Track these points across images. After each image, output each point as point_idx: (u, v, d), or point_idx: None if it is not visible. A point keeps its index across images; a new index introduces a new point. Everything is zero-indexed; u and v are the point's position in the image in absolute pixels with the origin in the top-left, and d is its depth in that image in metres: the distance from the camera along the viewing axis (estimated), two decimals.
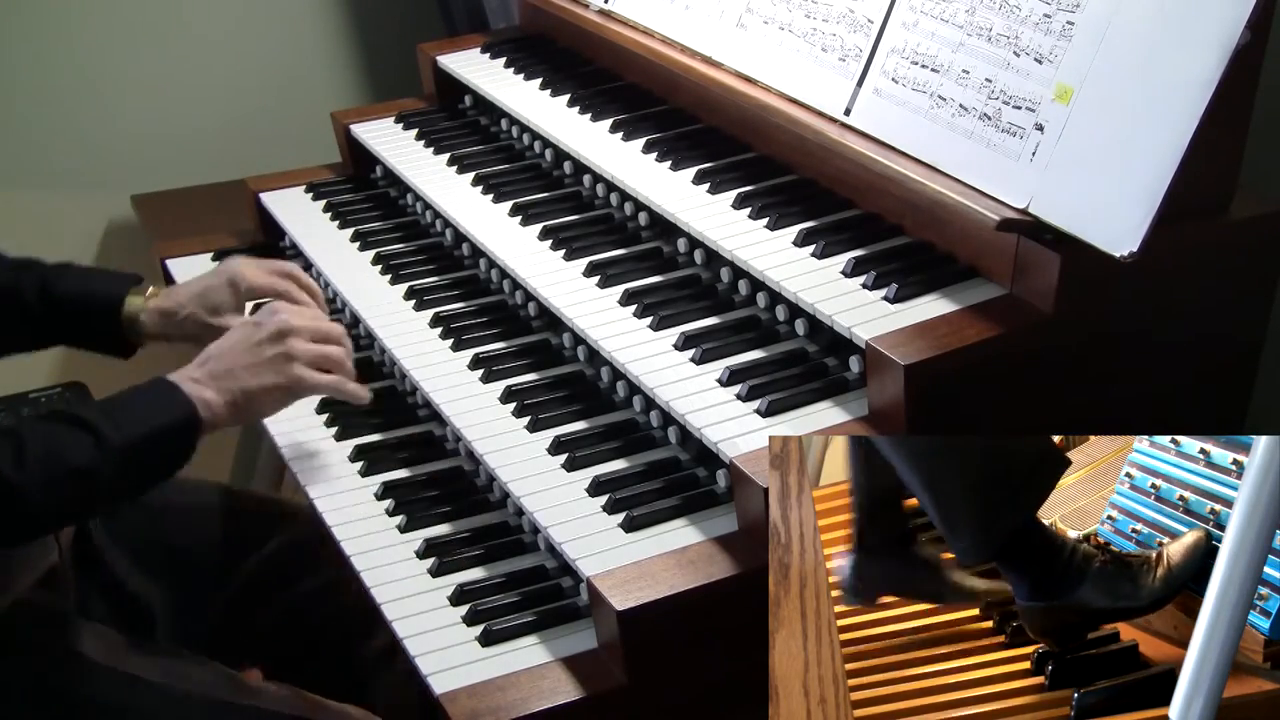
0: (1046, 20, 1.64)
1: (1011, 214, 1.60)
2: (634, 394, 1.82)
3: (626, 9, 2.33)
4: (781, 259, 1.80)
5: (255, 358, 1.76)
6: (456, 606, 1.62)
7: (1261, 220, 1.68)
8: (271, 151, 3.23)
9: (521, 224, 2.13)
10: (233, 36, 3.31)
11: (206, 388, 1.72)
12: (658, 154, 2.11)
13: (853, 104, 1.86)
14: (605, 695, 1.48)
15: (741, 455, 1.57)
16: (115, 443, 1.61)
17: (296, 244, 2.41)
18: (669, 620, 1.49)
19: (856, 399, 1.65)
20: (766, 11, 2.03)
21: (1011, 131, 1.64)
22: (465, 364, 1.96)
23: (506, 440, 1.80)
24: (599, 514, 1.64)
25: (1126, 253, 1.48)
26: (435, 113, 2.63)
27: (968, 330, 1.59)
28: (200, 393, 1.71)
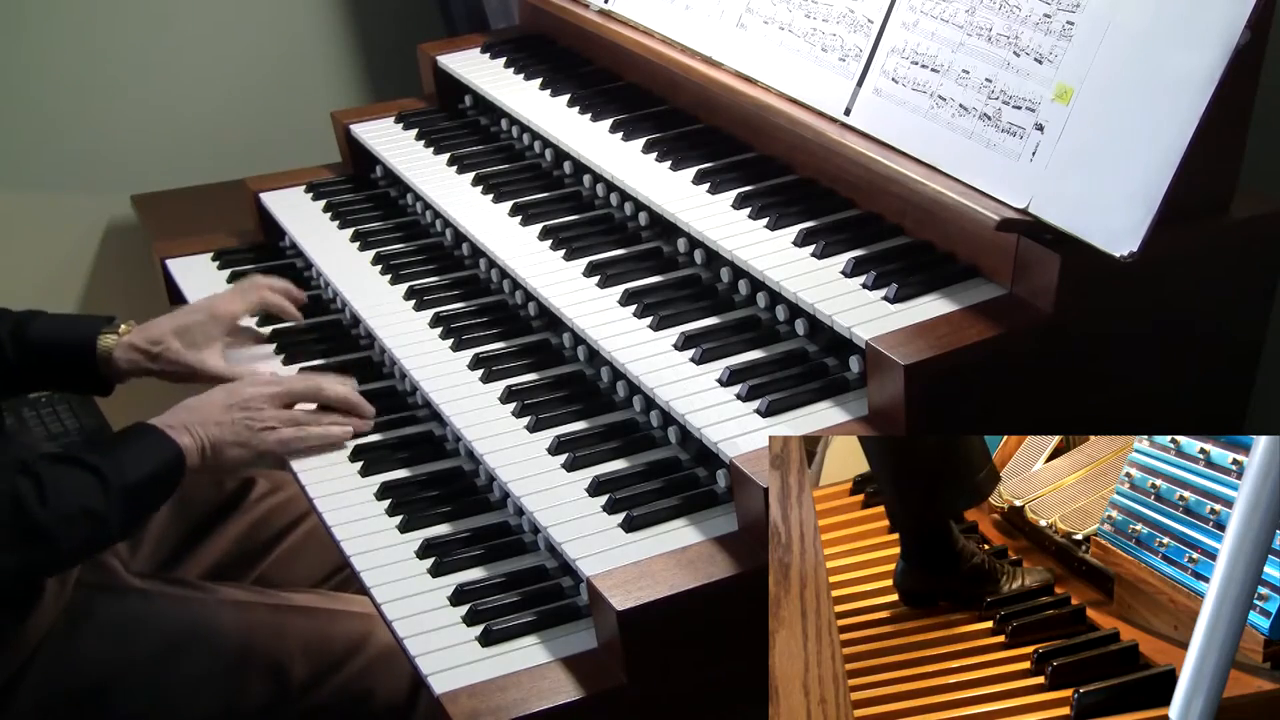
0: (1046, 20, 1.64)
1: (1011, 214, 1.60)
2: (634, 394, 1.82)
3: (626, 9, 2.33)
4: (781, 259, 1.80)
5: (225, 416, 1.87)
6: (456, 606, 1.62)
7: (1261, 220, 1.68)
8: (271, 151, 3.23)
9: (521, 224, 2.13)
10: (233, 36, 3.31)
11: (182, 434, 1.83)
12: (658, 154, 2.11)
13: (853, 104, 1.86)
14: (605, 695, 1.48)
15: (741, 455, 1.56)
16: (118, 485, 1.72)
17: (296, 244, 2.41)
18: (669, 620, 1.49)
19: (856, 399, 1.65)
20: (766, 11, 2.03)
21: (1011, 131, 1.64)
22: (465, 364, 1.96)
23: (506, 440, 1.80)
24: (599, 514, 1.64)
25: (1126, 252, 1.48)
26: (435, 113, 2.63)
27: (968, 330, 1.59)
28: (179, 437, 1.83)
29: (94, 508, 1.70)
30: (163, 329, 2.05)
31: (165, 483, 1.81)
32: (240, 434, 1.87)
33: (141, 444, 1.80)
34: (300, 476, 1.89)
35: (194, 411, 1.87)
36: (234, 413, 1.87)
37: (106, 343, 2.02)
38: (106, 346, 2.02)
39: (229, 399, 1.90)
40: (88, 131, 3.23)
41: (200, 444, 1.83)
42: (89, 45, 3.18)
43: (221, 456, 1.86)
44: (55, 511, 1.66)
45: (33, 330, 2.01)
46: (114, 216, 3.31)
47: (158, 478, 1.79)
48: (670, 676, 1.51)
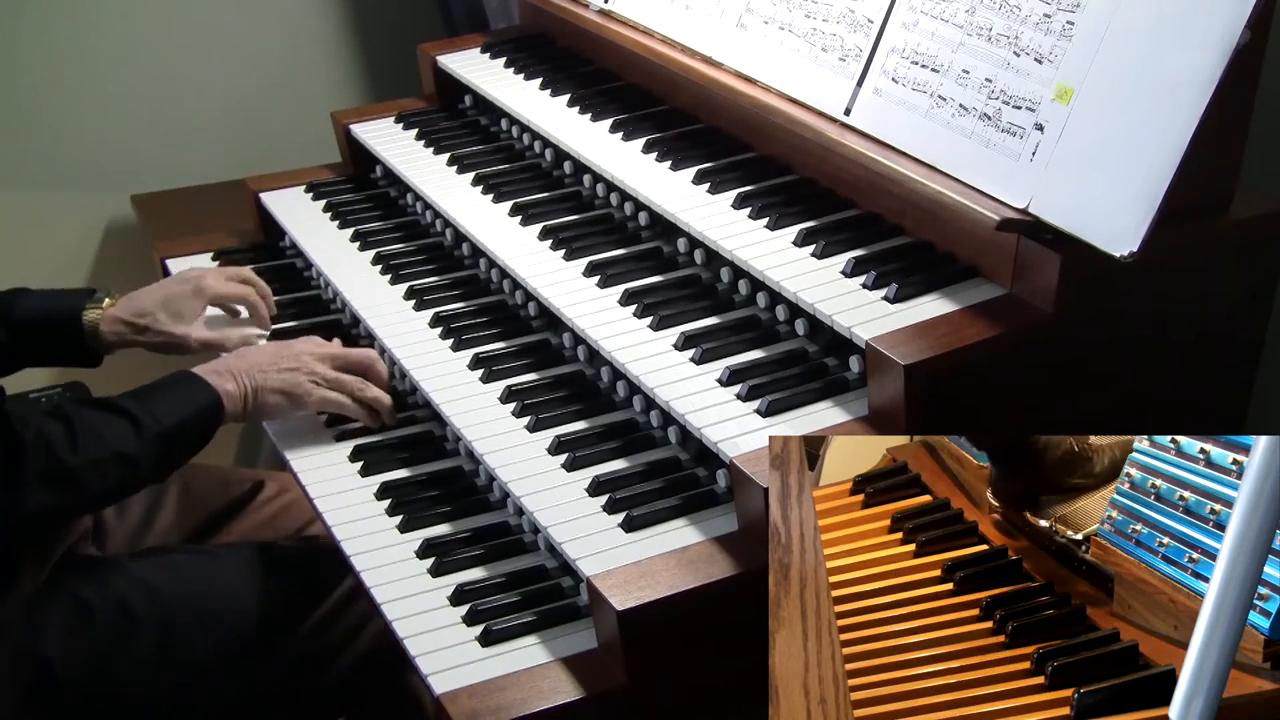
0: (1046, 20, 1.64)
1: (1011, 214, 1.60)
2: (634, 394, 1.82)
3: (626, 9, 2.33)
4: (781, 259, 1.80)
5: (273, 365, 1.91)
6: (456, 606, 1.62)
7: (1261, 220, 1.68)
8: (271, 151, 3.23)
9: (521, 224, 2.13)
10: (233, 36, 3.31)
11: (226, 380, 1.87)
12: (658, 154, 2.11)
13: (853, 104, 1.86)
14: (605, 695, 1.48)
15: (741, 455, 1.57)
16: (153, 430, 1.76)
17: (296, 244, 2.41)
18: (669, 620, 1.49)
19: (856, 399, 1.65)
20: (766, 11, 2.03)
21: (1011, 131, 1.64)
22: (465, 364, 1.96)
23: (506, 440, 1.80)
24: (599, 514, 1.64)
25: (1126, 252, 1.48)
26: (435, 113, 2.63)
27: (968, 330, 1.59)
28: (222, 384, 1.87)
29: (126, 451, 1.73)
30: (148, 302, 2.11)
31: (202, 429, 1.84)
32: (286, 381, 1.91)
33: (180, 389, 1.84)
34: (300, 476, 1.89)
35: (243, 358, 1.93)
36: (284, 362, 1.92)
37: (92, 316, 2.08)
38: (92, 320, 2.08)
39: (281, 350, 1.95)
40: (88, 131, 3.23)
41: (243, 390, 1.88)
42: (89, 45, 3.18)
43: (263, 403, 1.90)
44: (85, 455, 1.70)
45: (19, 308, 2.06)
46: (114, 216, 3.31)
47: (194, 422, 1.82)
48: (670, 676, 1.52)
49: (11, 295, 2.08)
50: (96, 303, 2.09)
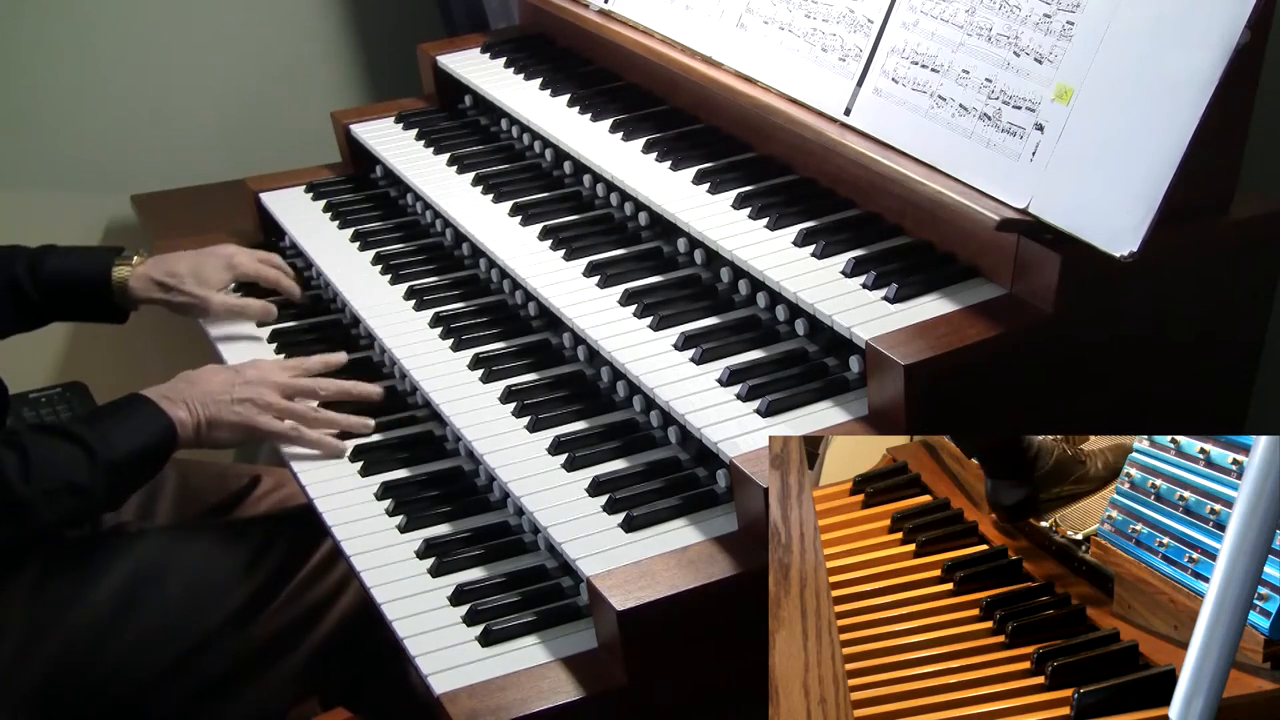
0: (1046, 20, 1.64)
1: (1011, 214, 1.60)
2: (634, 394, 1.82)
3: (626, 9, 2.33)
4: (781, 259, 1.80)
5: (226, 395, 1.89)
6: (456, 606, 1.62)
7: (1261, 220, 1.68)
8: (271, 151, 3.23)
9: (521, 224, 2.13)
10: (232, 36, 3.31)
11: (179, 408, 1.85)
12: (658, 154, 2.11)
13: (853, 104, 1.86)
14: (605, 695, 1.48)
15: (741, 455, 1.57)
16: (107, 459, 1.74)
17: (296, 244, 2.41)
18: (669, 620, 1.49)
19: (856, 399, 1.65)
20: (766, 11, 2.03)
21: (1011, 131, 1.64)
22: (465, 364, 1.96)
23: (506, 440, 1.80)
24: (599, 514, 1.64)
25: (1126, 253, 1.48)
26: (435, 113, 2.63)
27: (968, 330, 1.59)
28: (175, 411, 1.85)
29: (79, 482, 1.72)
30: (180, 265, 2.18)
31: (155, 457, 1.83)
32: (238, 414, 1.88)
33: (133, 416, 1.82)
34: (300, 476, 1.89)
35: (195, 385, 1.90)
36: (236, 391, 1.89)
37: (121, 273, 2.15)
38: (121, 277, 2.14)
39: (233, 378, 1.92)
40: (88, 131, 3.23)
41: (196, 419, 1.85)
42: (89, 45, 3.18)
43: (216, 434, 1.88)
44: (38, 486, 1.69)
45: (48, 265, 2.12)
46: (114, 216, 3.31)
47: (147, 452, 1.81)
48: (670, 676, 1.52)
49: (40, 253, 2.13)
50: (125, 260, 2.16)
